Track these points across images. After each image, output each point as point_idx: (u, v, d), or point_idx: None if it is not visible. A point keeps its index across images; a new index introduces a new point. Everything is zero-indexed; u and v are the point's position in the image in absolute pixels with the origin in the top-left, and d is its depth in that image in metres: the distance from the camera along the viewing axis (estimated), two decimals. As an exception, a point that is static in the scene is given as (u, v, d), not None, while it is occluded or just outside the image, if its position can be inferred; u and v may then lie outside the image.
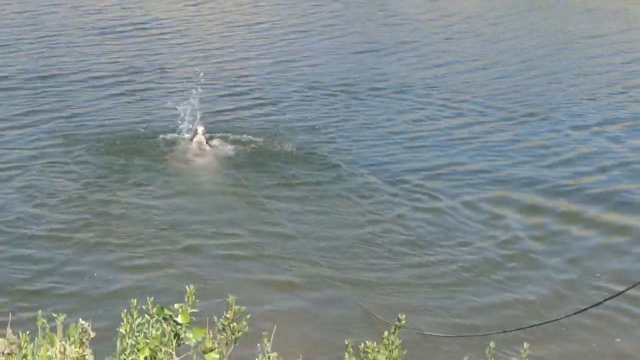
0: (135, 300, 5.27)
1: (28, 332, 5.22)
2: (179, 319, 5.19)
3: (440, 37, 23.92)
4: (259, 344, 5.47)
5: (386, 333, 5.64)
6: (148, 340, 5.17)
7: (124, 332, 5.21)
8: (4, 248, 12.14)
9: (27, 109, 18.60)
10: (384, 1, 28.29)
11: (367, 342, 5.61)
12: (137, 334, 5.20)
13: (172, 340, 5.20)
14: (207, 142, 16.27)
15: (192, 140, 16.36)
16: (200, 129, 16.40)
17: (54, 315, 5.36)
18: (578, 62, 22.38)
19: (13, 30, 27.55)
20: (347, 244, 13.01)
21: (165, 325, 5.21)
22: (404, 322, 5.75)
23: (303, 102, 18.56)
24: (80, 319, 5.14)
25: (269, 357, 5.37)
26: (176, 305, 5.22)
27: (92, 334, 5.13)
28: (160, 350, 5.17)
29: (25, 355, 5.09)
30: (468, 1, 28.34)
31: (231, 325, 5.35)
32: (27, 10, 31.13)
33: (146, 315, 5.26)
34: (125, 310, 5.24)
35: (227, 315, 5.37)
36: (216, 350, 5.28)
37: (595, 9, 28.05)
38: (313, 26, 24.75)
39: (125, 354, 5.19)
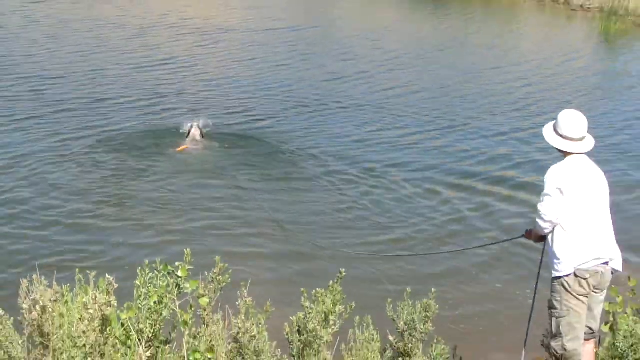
0: (147, 260, 5.77)
1: (68, 284, 5.65)
2: (179, 273, 5.54)
3: (385, 69, 24.15)
4: (238, 291, 5.77)
5: (331, 282, 6.02)
6: (156, 289, 5.55)
7: (139, 283, 5.60)
8: (53, 219, 12.29)
9: (54, 109, 18.48)
10: (342, 43, 28.33)
11: (317, 289, 6.06)
12: (149, 285, 5.57)
13: (174, 289, 5.56)
14: (199, 134, 16.65)
15: (188, 134, 16.71)
16: (193, 124, 16.78)
17: (87, 272, 5.67)
18: (488, 86, 22.68)
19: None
20: (315, 218, 13.13)
21: (169, 278, 5.57)
22: (344, 274, 6.11)
23: (283, 113, 18.68)
24: (106, 275, 5.61)
25: (246, 300, 5.68)
26: (177, 263, 5.57)
27: (115, 285, 5.51)
28: (166, 296, 5.55)
29: (66, 301, 5.41)
30: (402, 43, 28.48)
31: (217, 277, 5.79)
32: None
33: (155, 271, 5.64)
34: (139, 267, 5.69)
35: (215, 271, 5.80)
36: (206, 296, 5.71)
37: (496, 47, 28.25)
38: (292, 60, 24.74)
39: (140, 300, 5.55)
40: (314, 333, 5.95)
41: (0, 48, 23.40)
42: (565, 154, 7.11)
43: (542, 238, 7.30)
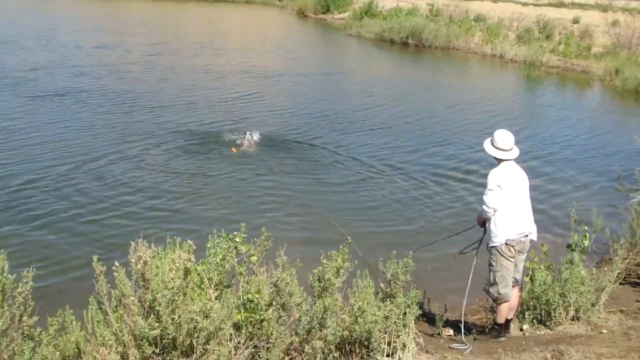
0: (215, 230, 5.79)
1: (162, 246, 5.65)
2: (237, 239, 5.62)
3: (384, 102, 24.21)
4: (277, 252, 5.73)
5: (341, 246, 6.01)
6: (221, 250, 5.59)
7: (209, 245, 5.65)
8: (151, 205, 12.33)
9: (136, 119, 18.66)
10: (356, 83, 28.46)
11: (332, 251, 6.06)
12: (216, 247, 5.61)
13: (233, 250, 5.63)
14: (252, 141, 16.67)
15: (243, 139, 16.73)
16: (247, 133, 16.82)
17: (174, 238, 5.64)
18: (450, 114, 22.82)
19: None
20: (337, 200, 13.22)
21: (230, 243, 5.62)
22: (350, 241, 6.23)
23: (314, 129, 18.71)
24: (187, 240, 5.58)
25: (282, 258, 5.68)
26: (235, 233, 5.64)
27: (194, 247, 5.46)
28: (228, 255, 5.59)
29: (160, 258, 5.43)
30: (396, 83, 28.56)
31: (263, 242, 5.75)
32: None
33: (220, 238, 5.67)
34: (210, 235, 5.72)
35: (262, 238, 5.76)
36: (255, 255, 5.70)
37: (454, 86, 28.40)
38: (318, 93, 24.97)
39: (210, 257, 5.59)
40: (329, 281, 5.97)
41: (128, 85, 23.30)
42: (499, 160, 7.38)
43: (484, 224, 7.57)
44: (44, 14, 44.82)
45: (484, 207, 7.36)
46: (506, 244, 7.22)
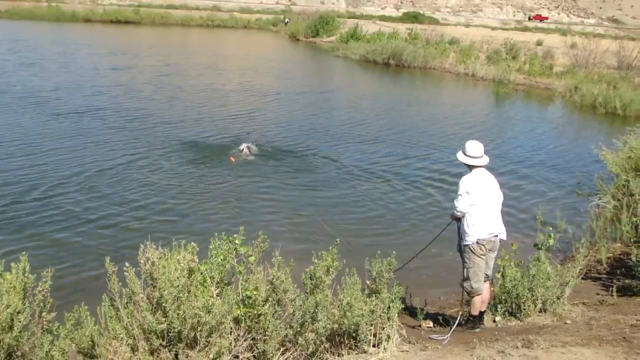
0: (216, 233, 5.72)
1: (167, 248, 5.59)
2: (237, 242, 5.56)
3: (368, 116, 24.18)
4: (272, 253, 5.70)
5: (330, 247, 5.98)
6: (222, 251, 5.53)
7: (211, 247, 5.58)
8: (159, 209, 12.25)
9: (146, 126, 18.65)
10: (346, 99, 28.37)
11: (322, 251, 6.01)
12: (217, 248, 5.55)
13: (233, 251, 5.58)
14: (249, 151, 16.62)
15: (242, 150, 16.68)
16: (245, 145, 16.77)
17: (179, 240, 5.57)
18: (429, 125, 22.86)
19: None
20: (328, 204, 13.09)
21: (230, 245, 5.57)
22: (338, 242, 6.16)
23: (307, 140, 18.72)
24: (191, 242, 5.50)
25: (277, 258, 5.63)
26: (235, 235, 5.59)
27: (197, 249, 5.43)
28: (228, 255, 5.54)
29: (167, 258, 5.38)
30: (367, 100, 28.56)
31: (260, 244, 5.69)
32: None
33: (221, 240, 5.61)
34: (211, 238, 5.66)
35: (259, 240, 5.70)
36: (253, 255, 5.65)
37: (431, 102, 28.55)
38: (311, 109, 24.93)
39: (212, 257, 5.52)
40: (320, 279, 5.91)
41: (141, 103, 23.21)
42: (470, 168, 7.38)
43: (459, 219, 7.47)
44: (64, 39, 44.74)
45: (455, 210, 7.38)
46: (477, 242, 7.19)
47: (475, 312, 7.47)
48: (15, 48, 37.34)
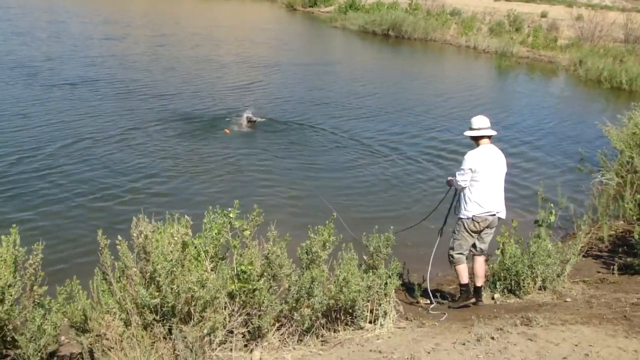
0: (210, 206, 5.72)
1: (161, 221, 5.61)
2: (231, 215, 5.56)
3: (368, 89, 24.14)
4: (268, 227, 5.68)
5: (327, 221, 6.01)
6: (217, 225, 5.53)
7: (205, 221, 5.59)
8: (151, 182, 12.28)
9: (138, 102, 18.60)
10: (345, 71, 28.34)
11: (319, 226, 6.06)
12: (212, 222, 5.55)
13: (227, 225, 5.58)
14: (247, 122, 16.58)
15: (240, 120, 16.68)
16: (244, 115, 16.74)
17: (173, 214, 5.59)
18: (432, 99, 22.82)
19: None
20: (326, 178, 13.18)
21: (224, 218, 5.57)
22: (335, 216, 6.17)
23: (306, 112, 18.72)
24: (185, 215, 5.54)
25: (273, 233, 5.62)
26: (229, 209, 5.59)
27: (191, 222, 5.43)
28: (222, 229, 5.54)
29: (160, 232, 5.39)
30: (367, 72, 28.44)
31: (255, 218, 5.68)
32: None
33: (215, 213, 5.62)
34: (206, 211, 5.67)
35: (254, 214, 5.69)
36: (248, 229, 5.65)
37: (433, 75, 28.53)
38: (310, 81, 24.89)
39: (206, 231, 5.52)
40: (316, 253, 5.91)
41: (136, 74, 23.00)
42: (477, 142, 7.38)
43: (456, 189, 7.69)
44: (55, 7, 44.28)
45: (456, 182, 7.48)
46: (472, 219, 7.34)
47: (463, 281, 7.60)
48: (5, 16, 36.95)
